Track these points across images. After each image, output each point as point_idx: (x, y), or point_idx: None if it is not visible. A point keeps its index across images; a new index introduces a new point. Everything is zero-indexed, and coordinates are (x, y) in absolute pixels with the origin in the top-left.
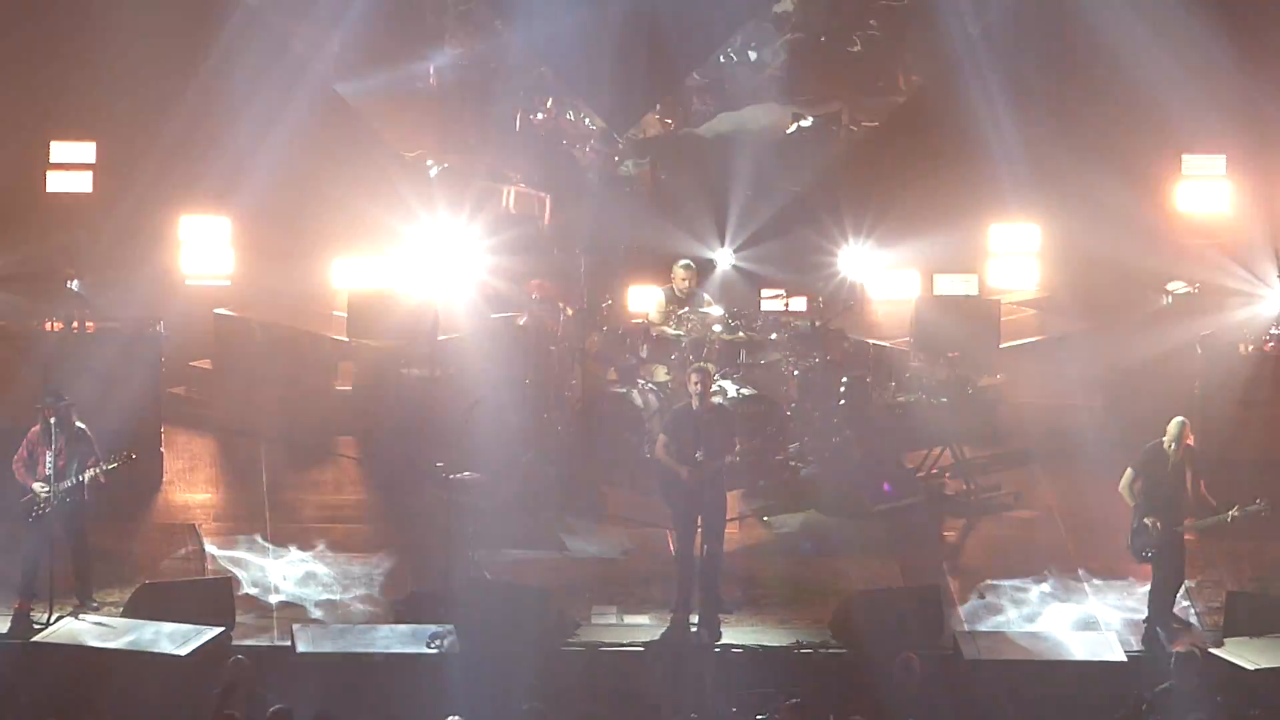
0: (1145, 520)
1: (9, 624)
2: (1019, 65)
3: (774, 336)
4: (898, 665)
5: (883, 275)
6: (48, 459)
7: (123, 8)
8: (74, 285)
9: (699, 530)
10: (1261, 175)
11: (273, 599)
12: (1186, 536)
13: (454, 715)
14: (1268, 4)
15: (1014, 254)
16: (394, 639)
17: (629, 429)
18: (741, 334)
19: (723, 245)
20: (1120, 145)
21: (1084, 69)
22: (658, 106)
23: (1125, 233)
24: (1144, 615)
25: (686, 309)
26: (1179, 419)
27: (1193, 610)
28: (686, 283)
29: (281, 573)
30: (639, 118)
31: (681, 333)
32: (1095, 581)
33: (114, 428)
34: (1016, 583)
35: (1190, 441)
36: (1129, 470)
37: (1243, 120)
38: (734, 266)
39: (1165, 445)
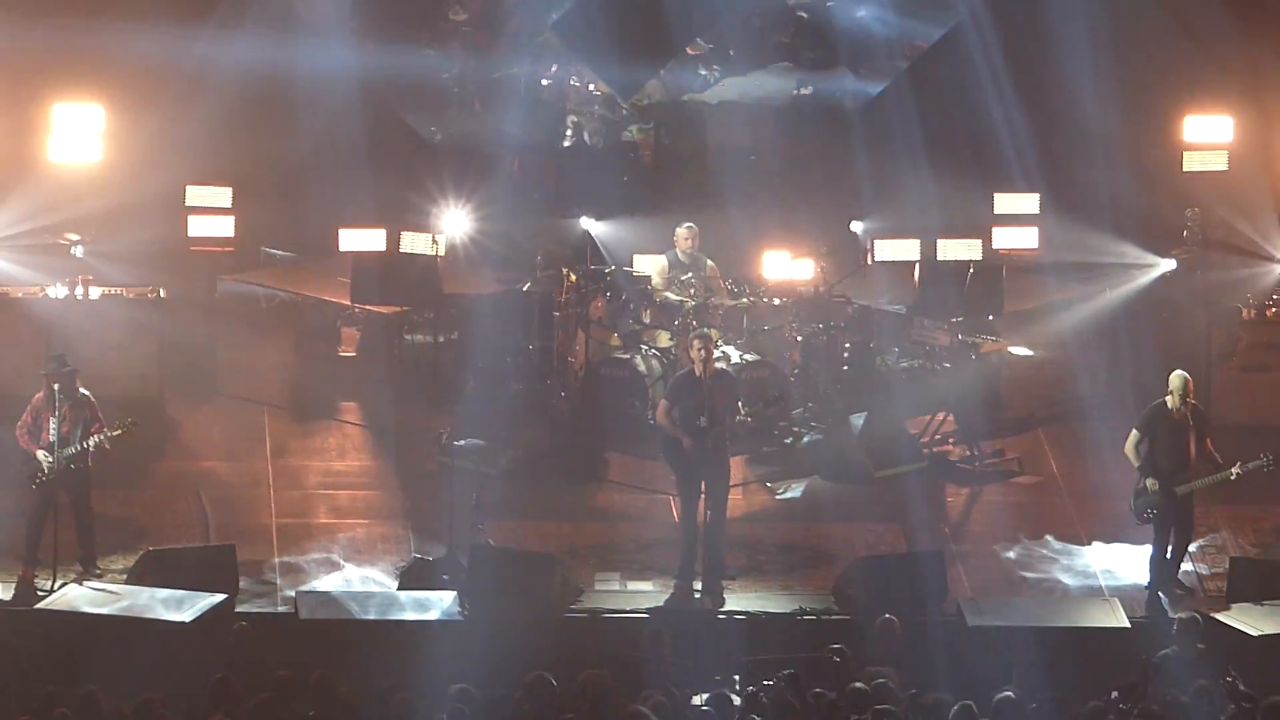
0: (1146, 482)
1: (13, 591)
2: (1022, 29)
3: (777, 302)
4: (878, 627)
5: (886, 240)
6: (51, 426)
7: None
8: (78, 251)
9: (702, 496)
10: (1266, 138)
11: (275, 564)
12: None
13: (459, 683)
14: None
15: (1018, 218)
16: (396, 606)
17: (632, 395)
18: (745, 299)
19: (727, 211)
20: (1123, 108)
21: (1086, 33)
22: (661, 73)
23: (1128, 196)
24: (1147, 580)
25: (690, 274)
26: (1180, 372)
27: (1196, 574)
28: (690, 243)
29: (284, 540)
30: (643, 84)
31: (685, 298)
32: (1098, 546)
33: (117, 394)
34: (1020, 548)
35: (1192, 399)
36: (1133, 431)
37: (1247, 83)
38: (738, 231)
39: (1168, 403)
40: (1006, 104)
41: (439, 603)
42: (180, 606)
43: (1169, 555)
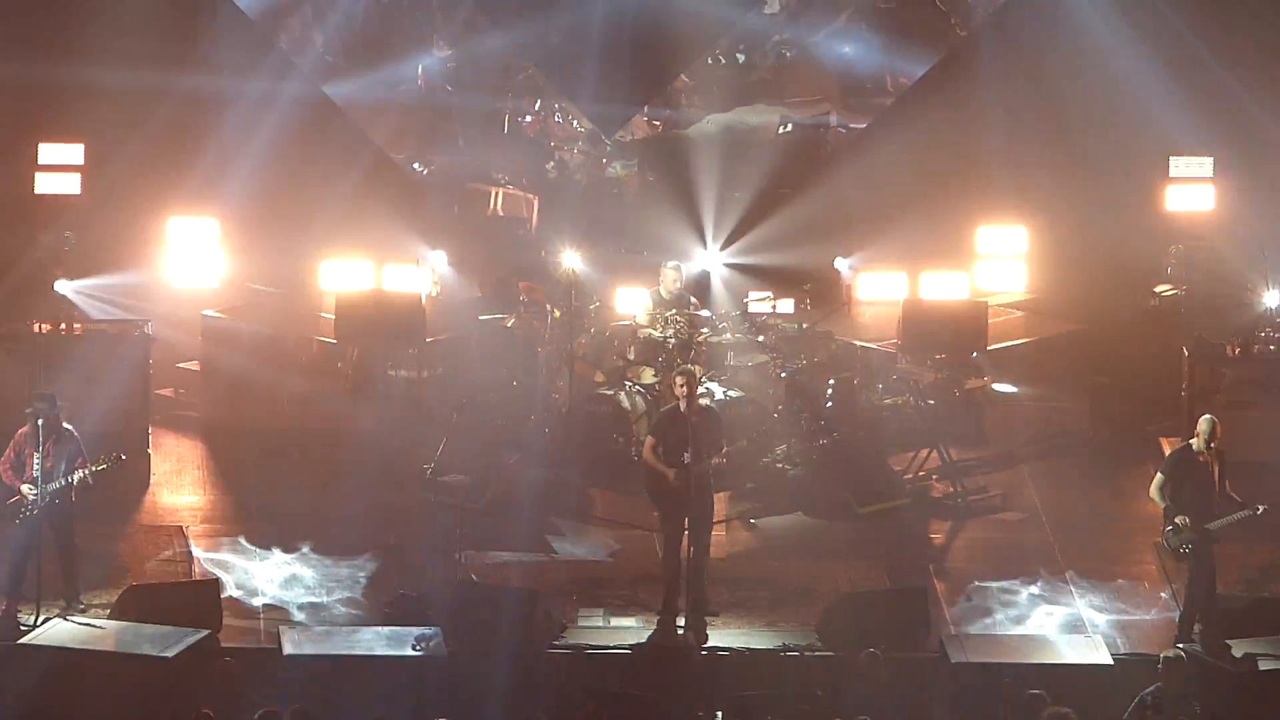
0: (1176, 520)
1: None
2: (1006, 68)
3: (761, 338)
4: (862, 662)
5: (870, 277)
6: (35, 460)
7: (111, 10)
8: (61, 287)
9: (686, 532)
10: (1249, 177)
11: (259, 601)
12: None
13: (441, 718)
14: (1254, 4)
15: (1001, 256)
16: (379, 641)
17: (616, 431)
18: (728, 336)
19: (710, 247)
20: (1108, 147)
21: (1072, 71)
22: (645, 109)
23: (1113, 234)
24: (1145, 615)
25: (674, 311)
26: (1209, 417)
27: (1178, 612)
28: (675, 283)
29: (267, 575)
30: (627, 120)
31: (669, 335)
32: (1082, 583)
33: (101, 429)
34: (1003, 585)
35: (1217, 442)
36: (1158, 474)
37: (1230, 122)
38: (722, 267)
39: (1195, 445)
40: (991, 140)
41: (422, 638)
42: (163, 642)
43: (1198, 589)
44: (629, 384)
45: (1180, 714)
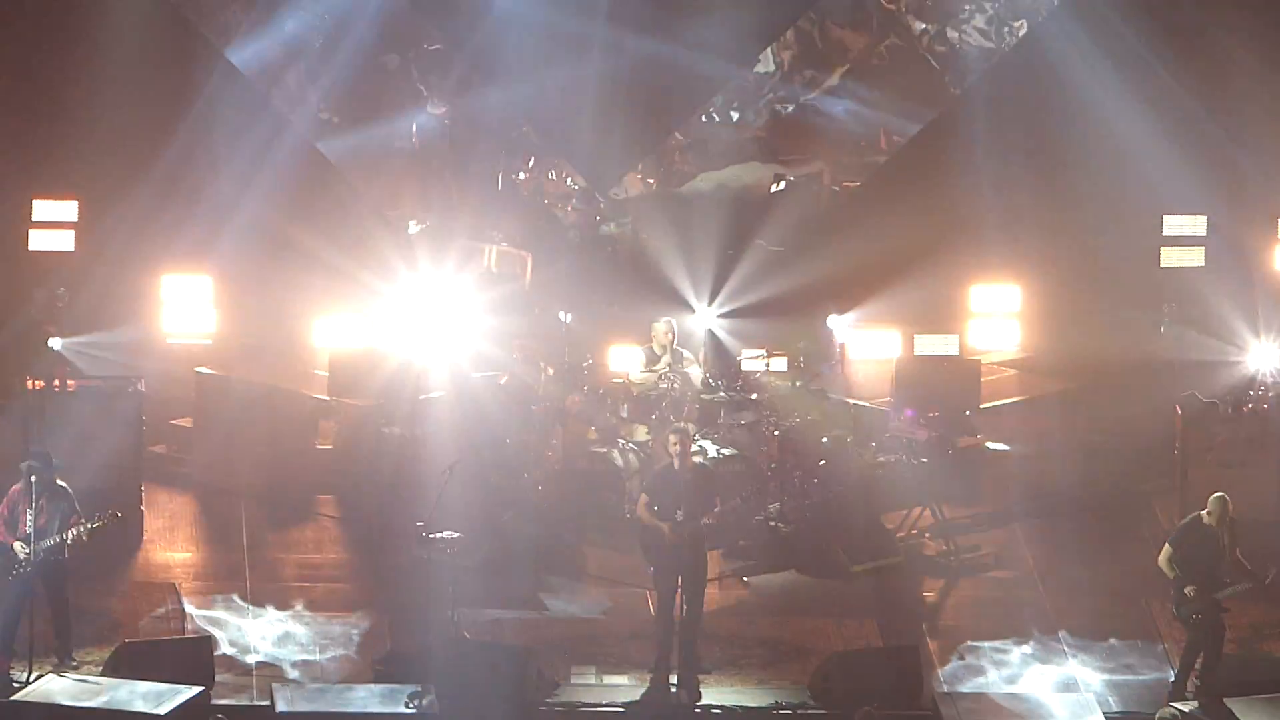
0: (1185, 590)
1: None
2: (1000, 126)
3: (754, 396)
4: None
5: (863, 335)
6: (28, 517)
7: (105, 67)
8: (55, 343)
9: (679, 590)
10: (1242, 237)
11: (252, 659)
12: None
13: None
14: (1248, 65)
15: (995, 314)
16: (372, 699)
17: (609, 489)
18: (722, 394)
19: (704, 304)
20: (1101, 206)
21: (1065, 130)
22: (639, 166)
23: (1107, 293)
24: (1138, 675)
25: (667, 369)
26: (1220, 495)
27: (1172, 672)
28: (668, 337)
29: (260, 632)
30: (621, 177)
31: (662, 392)
32: (1074, 642)
33: (94, 486)
34: (996, 644)
35: (1230, 517)
36: (1167, 545)
37: (1224, 181)
38: (715, 326)
39: (1205, 520)
40: (984, 198)
41: (415, 696)
42: (156, 700)
43: (1194, 655)
44: (622, 441)
45: None
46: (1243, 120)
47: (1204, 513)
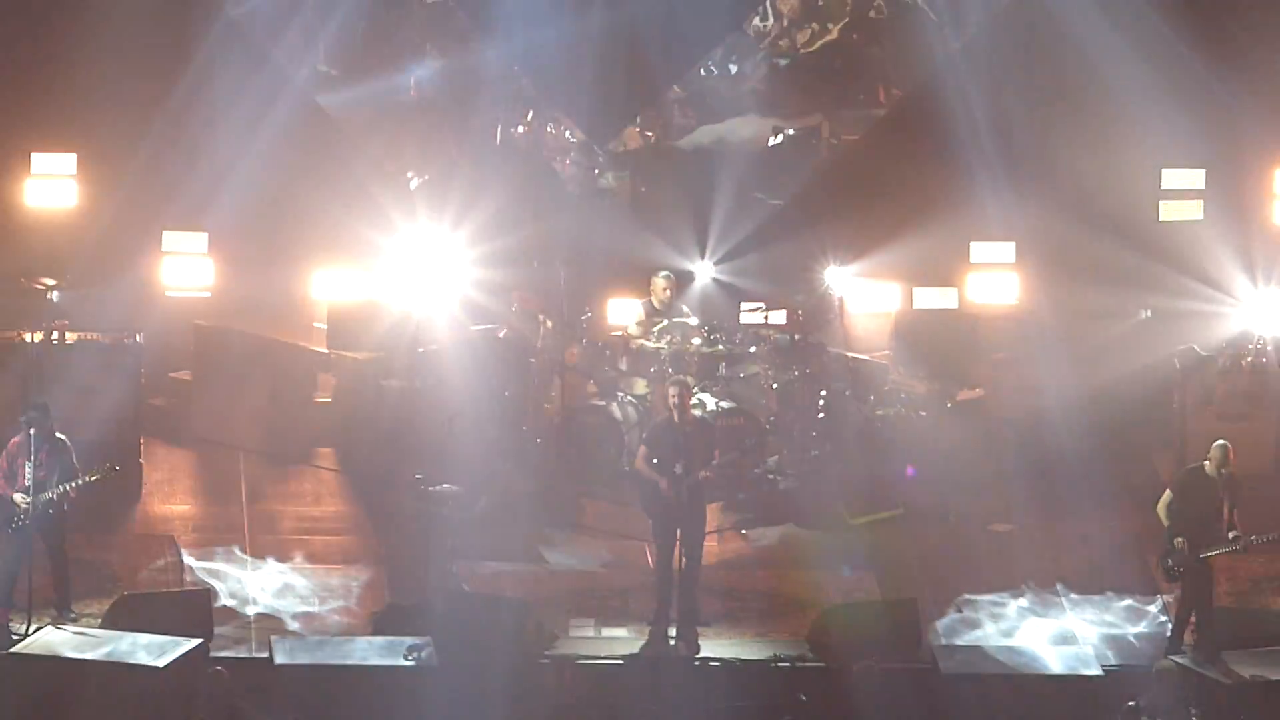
0: (1176, 540)
1: None
2: (999, 80)
3: (753, 349)
4: (858, 674)
5: (863, 289)
6: (27, 470)
7: (104, 20)
8: (54, 296)
9: (677, 543)
10: (1240, 191)
11: (250, 611)
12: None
13: None
14: (1247, 18)
15: (994, 267)
16: (372, 651)
17: (608, 442)
18: (721, 347)
19: (703, 258)
20: (1100, 159)
21: (1064, 84)
22: (638, 119)
23: (1105, 246)
24: (1135, 627)
25: (666, 322)
26: (1222, 442)
27: (1168, 624)
28: (667, 293)
29: (259, 584)
30: (619, 130)
31: (661, 346)
32: (1072, 596)
33: (93, 438)
34: (994, 597)
35: (1231, 468)
36: (1167, 491)
37: (1222, 134)
38: (714, 279)
39: (1207, 469)
40: (984, 153)
41: (414, 648)
42: (156, 651)
43: (1185, 612)
44: (621, 395)
45: None
46: (1241, 73)
47: (1205, 461)
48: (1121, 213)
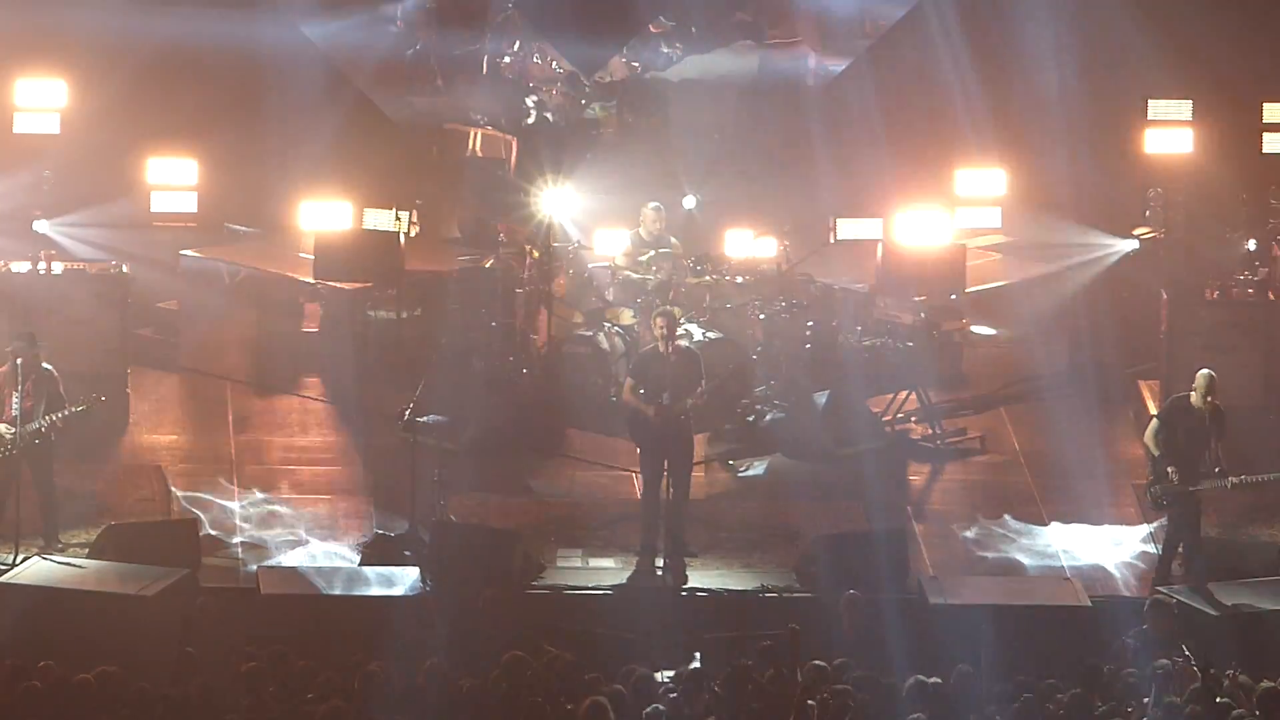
0: (1167, 469)
1: None
2: (985, 11)
3: (740, 280)
4: (843, 604)
5: (849, 219)
6: (14, 400)
7: None
8: (40, 225)
9: (665, 473)
10: (1227, 119)
11: (237, 540)
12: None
13: (427, 658)
14: None
15: (979, 198)
16: (358, 581)
17: (595, 372)
18: (708, 278)
19: (690, 189)
20: (1086, 89)
21: (1049, 13)
22: (624, 50)
23: (1091, 177)
24: (1123, 558)
25: (653, 253)
26: (1207, 371)
27: (1157, 555)
28: (657, 225)
29: (246, 514)
30: (605, 61)
31: (648, 276)
32: (1059, 526)
33: (80, 369)
34: (980, 527)
35: (1216, 398)
36: (1154, 420)
37: (1209, 64)
38: (702, 210)
39: (1192, 399)
40: (968, 84)
41: (401, 579)
42: (142, 581)
43: (1184, 547)
44: (608, 325)
45: (1161, 656)
46: (1228, 6)
47: (1191, 391)
48: (1108, 143)
